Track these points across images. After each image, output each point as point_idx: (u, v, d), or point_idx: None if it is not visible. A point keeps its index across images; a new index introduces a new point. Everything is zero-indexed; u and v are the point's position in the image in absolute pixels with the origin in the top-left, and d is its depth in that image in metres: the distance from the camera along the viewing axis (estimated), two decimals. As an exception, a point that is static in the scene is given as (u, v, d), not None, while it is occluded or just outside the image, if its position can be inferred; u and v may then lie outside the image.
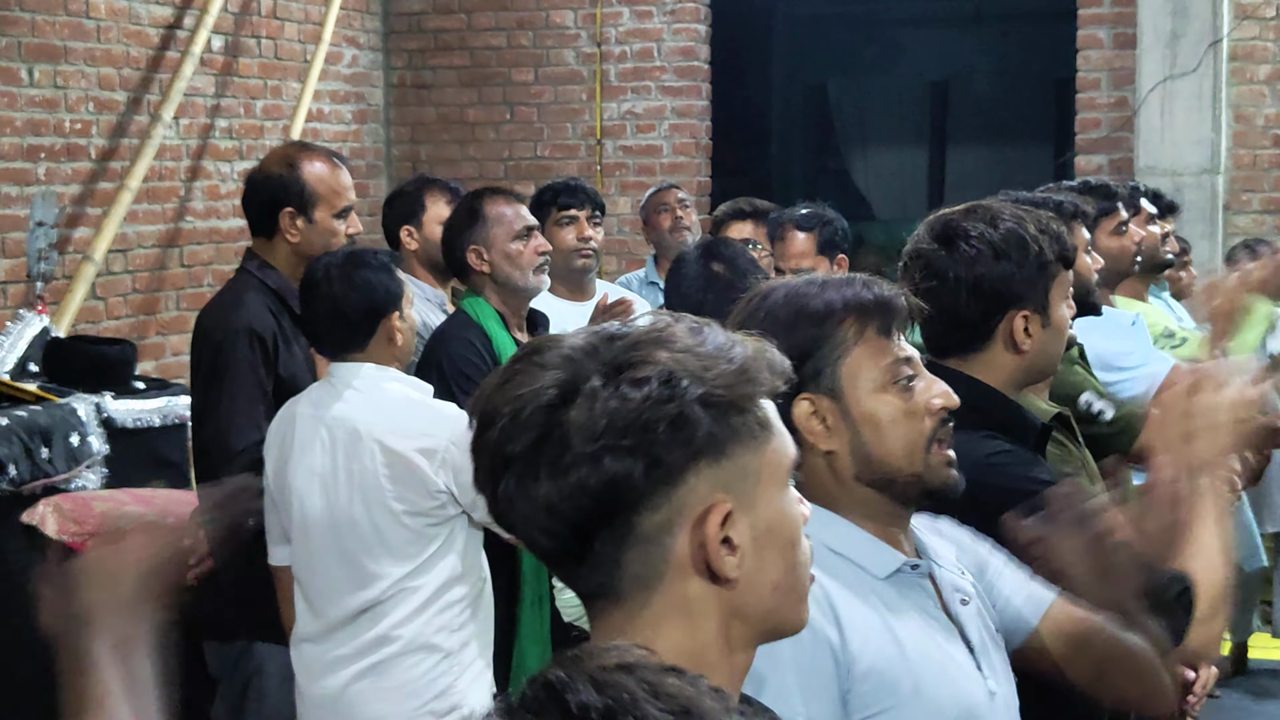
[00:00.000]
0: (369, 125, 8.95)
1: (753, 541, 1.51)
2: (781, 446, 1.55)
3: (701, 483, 1.49)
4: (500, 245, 4.43)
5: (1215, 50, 7.87)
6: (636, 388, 1.46)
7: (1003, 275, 2.70)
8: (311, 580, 3.84)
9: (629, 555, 1.50)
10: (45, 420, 4.81)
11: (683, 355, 1.49)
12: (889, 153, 13.98)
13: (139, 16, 7.05)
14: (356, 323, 3.79)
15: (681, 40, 8.77)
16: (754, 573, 1.52)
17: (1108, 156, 8.24)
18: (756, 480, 1.52)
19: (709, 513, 1.49)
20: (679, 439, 1.47)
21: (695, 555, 1.50)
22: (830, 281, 2.23)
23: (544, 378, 1.49)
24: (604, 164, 8.83)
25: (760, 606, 1.54)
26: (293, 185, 4.18)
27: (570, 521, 1.49)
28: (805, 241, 4.84)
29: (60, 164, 6.58)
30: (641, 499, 1.48)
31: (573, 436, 1.46)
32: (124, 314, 6.98)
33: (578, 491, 1.47)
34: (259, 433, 4.01)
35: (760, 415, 1.53)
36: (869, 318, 2.17)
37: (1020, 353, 2.74)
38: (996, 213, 2.76)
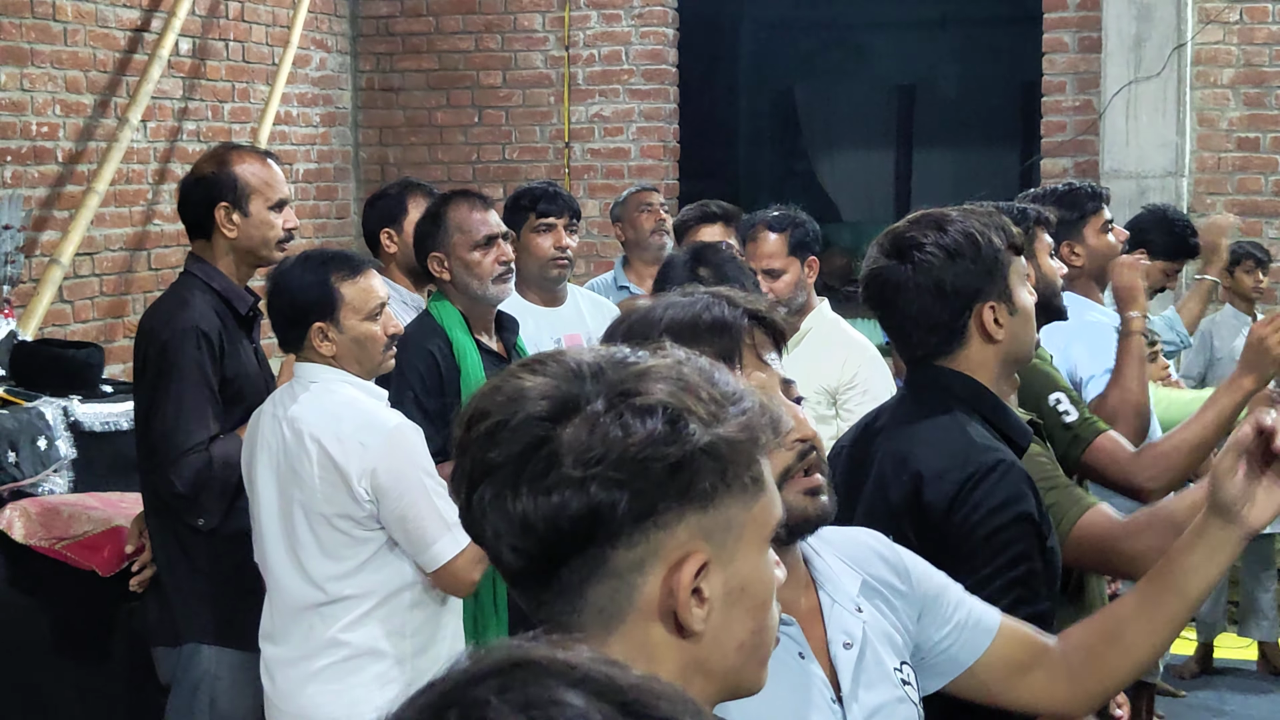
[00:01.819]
0: (337, 128, 8.94)
1: (724, 597, 1.47)
2: (769, 506, 1.50)
3: (684, 529, 1.44)
4: (460, 254, 4.41)
5: (1179, 54, 7.92)
6: (641, 420, 1.41)
7: (961, 273, 2.73)
8: (268, 578, 3.85)
9: (596, 589, 1.45)
10: (12, 424, 4.79)
11: (693, 396, 1.44)
12: (855, 156, 14.03)
13: (106, 19, 7.04)
14: (283, 324, 3.82)
15: (649, 44, 8.79)
16: (720, 629, 1.47)
17: (1073, 159, 8.29)
18: (740, 536, 1.47)
19: (685, 561, 1.44)
20: (674, 483, 1.42)
21: (663, 601, 1.45)
22: (675, 303, 2.06)
23: (542, 387, 1.45)
24: (572, 167, 8.84)
25: (722, 664, 1.49)
26: (225, 181, 4.19)
27: (543, 543, 1.44)
28: (777, 242, 4.86)
29: (27, 167, 6.56)
30: (620, 534, 1.43)
31: (563, 455, 1.41)
32: (91, 317, 6.96)
33: (556, 513, 1.42)
34: (207, 431, 4.02)
35: (755, 471, 1.48)
36: (706, 344, 1.97)
37: (995, 342, 2.77)
38: (941, 218, 2.80)
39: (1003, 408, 2.80)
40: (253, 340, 4.27)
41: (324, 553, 3.73)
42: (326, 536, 3.73)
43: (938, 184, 12.58)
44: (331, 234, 8.80)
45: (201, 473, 3.99)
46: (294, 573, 3.78)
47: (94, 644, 4.72)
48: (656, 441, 1.41)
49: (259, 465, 3.84)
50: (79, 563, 4.52)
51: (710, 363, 1.50)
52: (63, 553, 4.55)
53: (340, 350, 3.80)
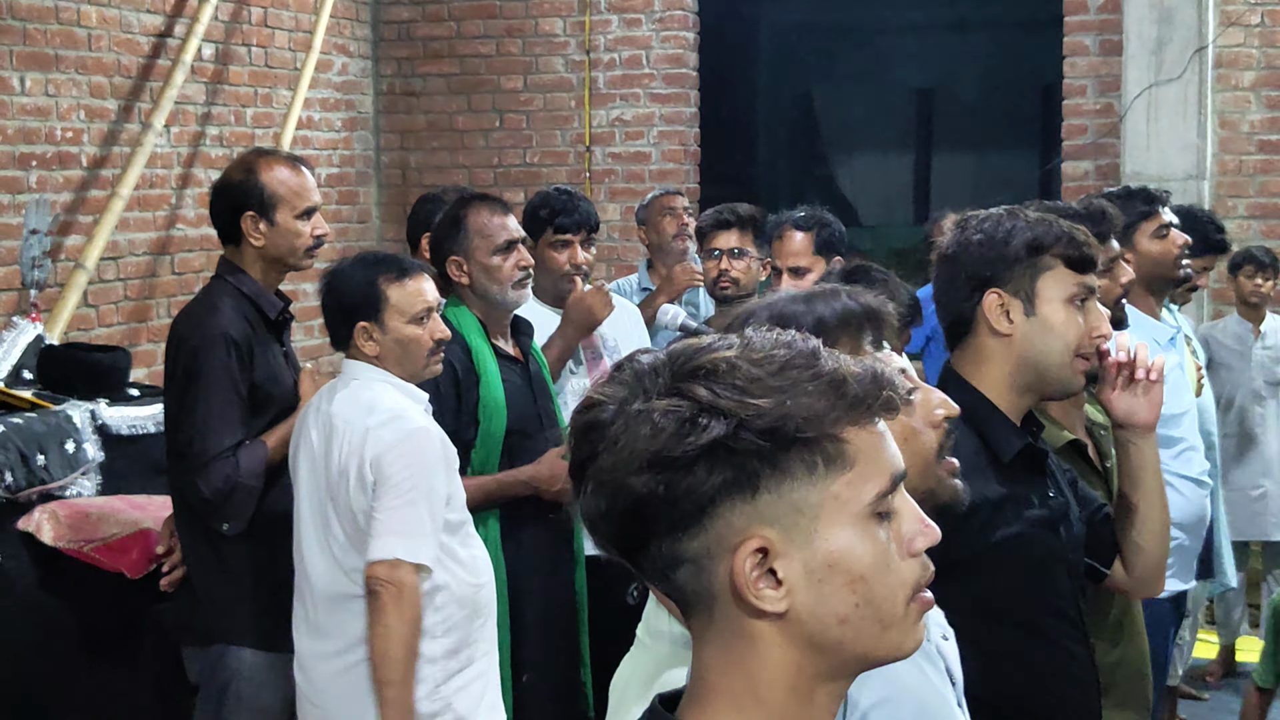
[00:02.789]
0: (359, 133, 8.97)
1: (807, 576, 1.49)
2: (859, 480, 1.50)
3: (737, 516, 1.47)
4: (480, 258, 4.42)
5: (1200, 57, 7.92)
6: (667, 416, 1.46)
7: (977, 252, 2.76)
8: (307, 569, 3.89)
9: (679, 574, 1.51)
10: (40, 427, 4.82)
11: (730, 387, 1.47)
12: (875, 159, 14.01)
13: (130, 25, 7.07)
14: (332, 321, 3.94)
15: (670, 48, 8.81)
16: (813, 606, 1.49)
17: (1094, 163, 8.29)
18: (815, 516, 1.48)
19: (741, 547, 1.48)
20: (700, 474, 1.46)
21: (735, 585, 1.49)
22: (815, 295, 2.16)
23: (611, 391, 1.51)
24: (593, 171, 8.86)
25: (828, 638, 1.51)
26: (252, 190, 4.21)
27: (609, 537, 1.52)
28: (804, 241, 4.87)
29: (52, 172, 6.59)
30: (673, 524, 1.48)
31: (605, 456, 1.48)
32: (115, 321, 6.99)
33: (609, 511, 1.50)
34: (234, 437, 4.05)
35: (830, 448, 1.49)
36: (862, 331, 2.11)
37: (1001, 336, 2.76)
38: (1015, 210, 2.83)
39: (991, 419, 2.75)
40: (283, 345, 4.29)
41: (354, 548, 3.77)
42: (355, 532, 3.76)
43: (957, 188, 12.57)
44: (353, 238, 8.83)
45: (229, 479, 4.01)
46: (329, 566, 3.82)
47: (122, 645, 4.75)
48: (676, 435, 1.45)
49: (299, 459, 3.89)
50: (107, 565, 4.55)
51: (781, 339, 1.52)
52: (91, 555, 4.57)
53: (384, 351, 3.86)
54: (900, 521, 1.54)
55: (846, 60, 13.33)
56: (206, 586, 4.19)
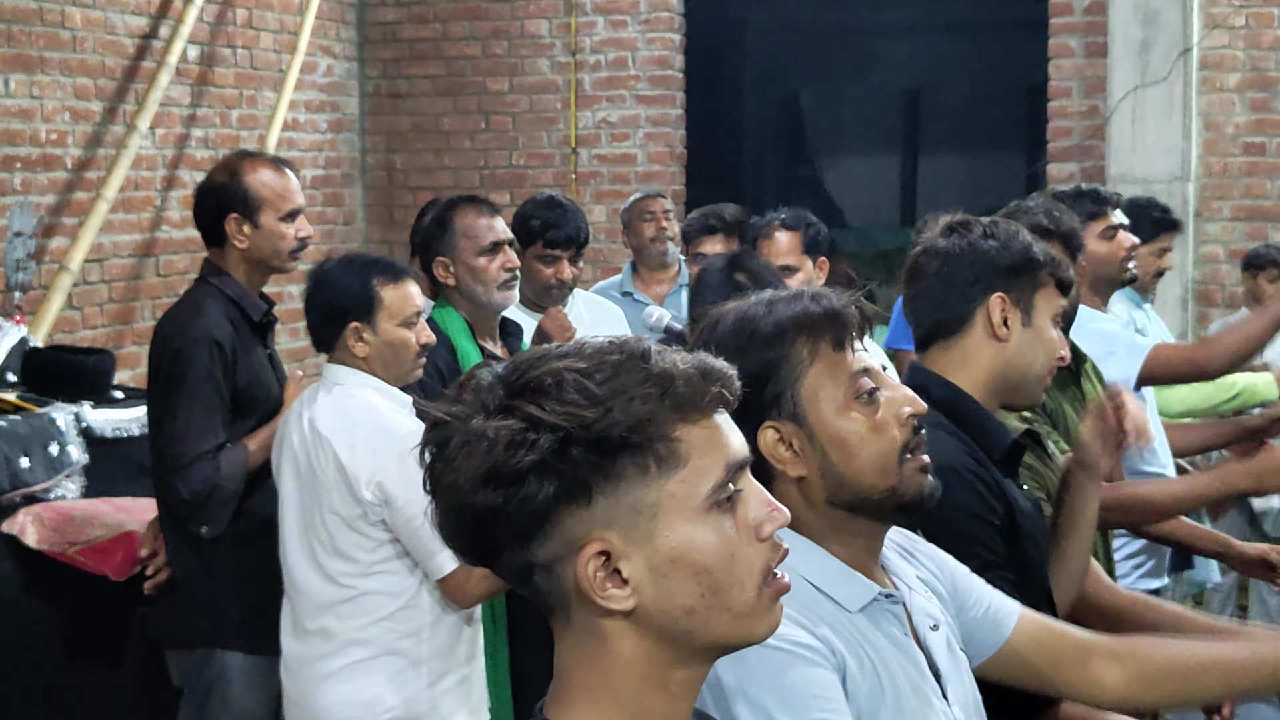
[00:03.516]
0: (344, 134, 8.96)
1: (651, 573, 1.54)
2: (693, 476, 1.55)
3: (577, 523, 1.53)
4: (466, 259, 4.40)
5: (1185, 59, 7.93)
6: (499, 433, 1.52)
7: (989, 251, 2.77)
8: (288, 576, 3.88)
9: (535, 579, 1.57)
10: (25, 430, 4.81)
11: (558, 400, 1.52)
12: (861, 161, 14.03)
13: (115, 27, 7.06)
14: (318, 324, 3.87)
15: (656, 49, 8.81)
16: (659, 601, 1.55)
17: (1079, 164, 8.30)
18: (653, 515, 1.54)
19: (583, 550, 1.54)
20: (533, 487, 1.51)
21: (580, 589, 1.55)
22: (778, 299, 2.18)
23: (455, 410, 1.56)
24: (579, 172, 8.86)
25: (677, 629, 1.56)
26: (236, 191, 4.20)
27: (463, 550, 1.60)
28: (790, 241, 4.88)
29: (36, 174, 6.58)
30: (517, 536, 1.54)
31: (447, 474, 1.55)
32: (100, 323, 6.98)
33: (458, 526, 1.57)
34: (215, 440, 4.05)
35: (661, 449, 1.54)
36: (820, 333, 2.13)
37: (998, 340, 2.77)
38: (1018, 212, 2.94)
39: (978, 417, 2.77)
40: (267, 347, 4.29)
41: (338, 552, 3.77)
42: (342, 536, 3.76)
43: (944, 189, 12.58)
44: (339, 240, 8.83)
45: (208, 481, 4.01)
46: (313, 570, 3.81)
47: (107, 648, 4.74)
48: (507, 449, 1.52)
49: (283, 463, 3.88)
50: (91, 567, 4.54)
51: (612, 345, 1.57)
52: (75, 557, 4.57)
53: (373, 353, 3.84)
54: (746, 508, 1.58)
55: (833, 61, 13.34)
56: (190, 589, 4.18)
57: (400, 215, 8.93)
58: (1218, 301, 7.41)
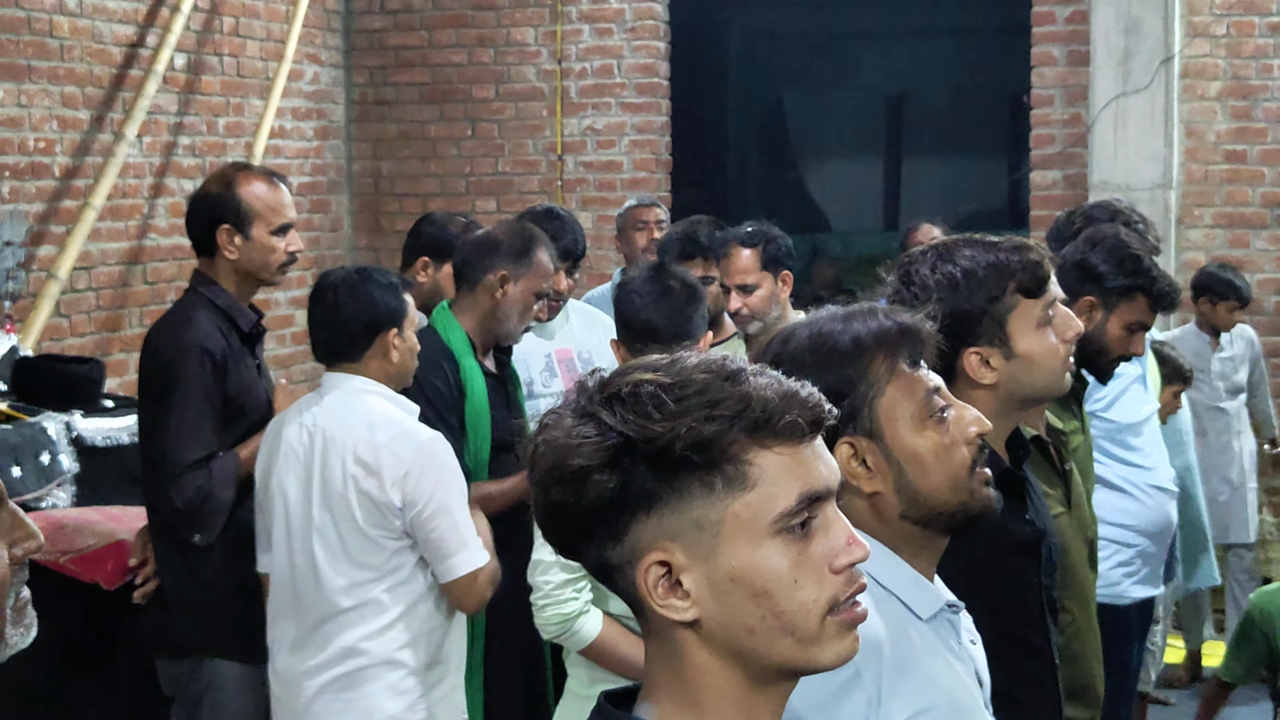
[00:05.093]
0: (331, 142, 8.98)
1: (710, 589, 1.57)
2: (760, 500, 1.57)
3: (644, 530, 1.57)
4: (525, 292, 4.45)
5: (1167, 67, 7.99)
6: (572, 435, 1.57)
7: (945, 314, 2.63)
8: (288, 585, 3.89)
9: (616, 580, 1.62)
10: (15, 439, 4.83)
11: (634, 411, 1.56)
12: (845, 165, 14.05)
13: (102, 35, 7.08)
14: (354, 333, 3.89)
15: (641, 57, 8.84)
16: (722, 617, 1.58)
17: (1062, 172, 8.35)
18: (715, 533, 1.56)
19: (645, 558, 1.58)
20: (592, 488, 1.56)
21: (642, 595, 1.59)
22: (852, 315, 2.21)
23: (556, 411, 1.63)
24: (565, 179, 8.89)
25: (741, 646, 1.59)
26: (229, 203, 4.23)
27: (552, 543, 1.65)
28: (750, 258, 4.88)
29: (24, 182, 6.59)
30: (589, 534, 1.59)
31: (533, 465, 1.61)
32: (88, 331, 6.99)
33: (542, 519, 1.62)
34: (207, 449, 4.07)
35: (729, 470, 1.56)
36: (898, 350, 2.17)
37: (983, 387, 2.73)
38: (946, 250, 2.77)
39: None
40: (256, 357, 4.31)
41: (350, 560, 3.79)
42: (355, 544, 3.78)
43: (927, 194, 12.63)
44: (325, 247, 8.85)
45: (200, 490, 4.04)
46: (317, 581, 3.83)
47: (97, 656, 4.76)
48: (575, 454, 1.57)
49: (282, 473, 3.89)
50: (83, 576, 4.56)
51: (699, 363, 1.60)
52: (67, 566, 4.58)
53: (404, 360, 3.91)
54: (822, 538, 1.60)
55: (816, 67, 13.36)
56: (180, 598, 4.21)
57: (386, 222, 8.95)
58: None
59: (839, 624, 1.59)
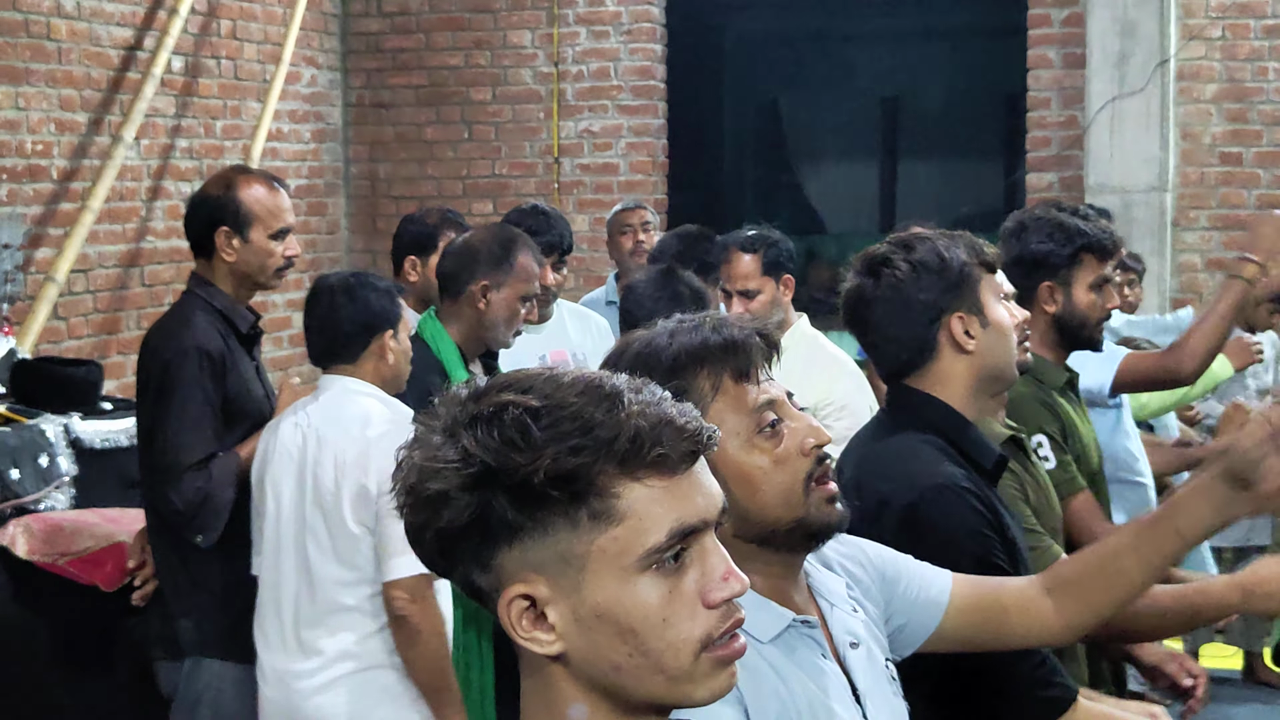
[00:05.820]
0: (328, 144, 8.99)
1: (576, 624, 1.50)
2: (627, 535, 1.48)
3: (508, 560, 1.50)
4: (510, 299, 4.39)
5: (1163, 70, 8.01)
6: (434, 457, 1.50)
7: (927, 286, 2.78)
8: (278, 587, 3.90)
9: (485, 604, 1.55)
10: (14, 441, 4.84)
11: (496, 437, 1.48)
12: (841, 167, 14.08)
13: (100, 38, 7.09)
14: (350, 334, 3.91)
15: (638, 60, 8.85)
16: (586, 652, 1.51)
17: (1058, 174, 8.37)
18: (581, 567, 1.48)
19: (506, 590, 1.51)
20: (447, 515, 1.49)
21: (504, 626, 1.52)
22: (680, 329, 2.12)
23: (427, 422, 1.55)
24: (561, 182, 8.90)
25: (608, 682, 1.52)
26: (228, 205, 4.23)
27: (421, 556, 1.57)
28: (751, 263, 4.85)
29: (22, 185, 6.60)
30: (455, 559, 1.53)
31: (396, 479, 1.54)
32: (86, 334, 7.00)
33: (408, 534, 1.55)
34: (206, 449, 4.07)
35: (595, 504, 1.48)
36: (722, 365, 2.08)
37: (967, 353, 2.81)
38: (910, 238, 2.87)
39: (967, 429, 2.80)
40: (254, 358, 4.32)
41: (340, 561, 3.79)
42: (344, 544, 3.79)
43: (923, 196, 12.65)
44: (322, 250, 8.86)
45: (200, 490, 4.04)
46: (309, 582, 3.83)
47: (96, 658, 4.77)
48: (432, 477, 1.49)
49: (277, 475, 3.90)
50: (81, 578, 4.57)
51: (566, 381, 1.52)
52: (65, 568, 4.59)
53: (399, 362, 3.95)
54: (696, 572, 1.52)
55: (812, 69, 13.39)
56: (179, 599, 4.21)
57: (383, 225, 8.96)
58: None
59: (713, 660, 1.52)
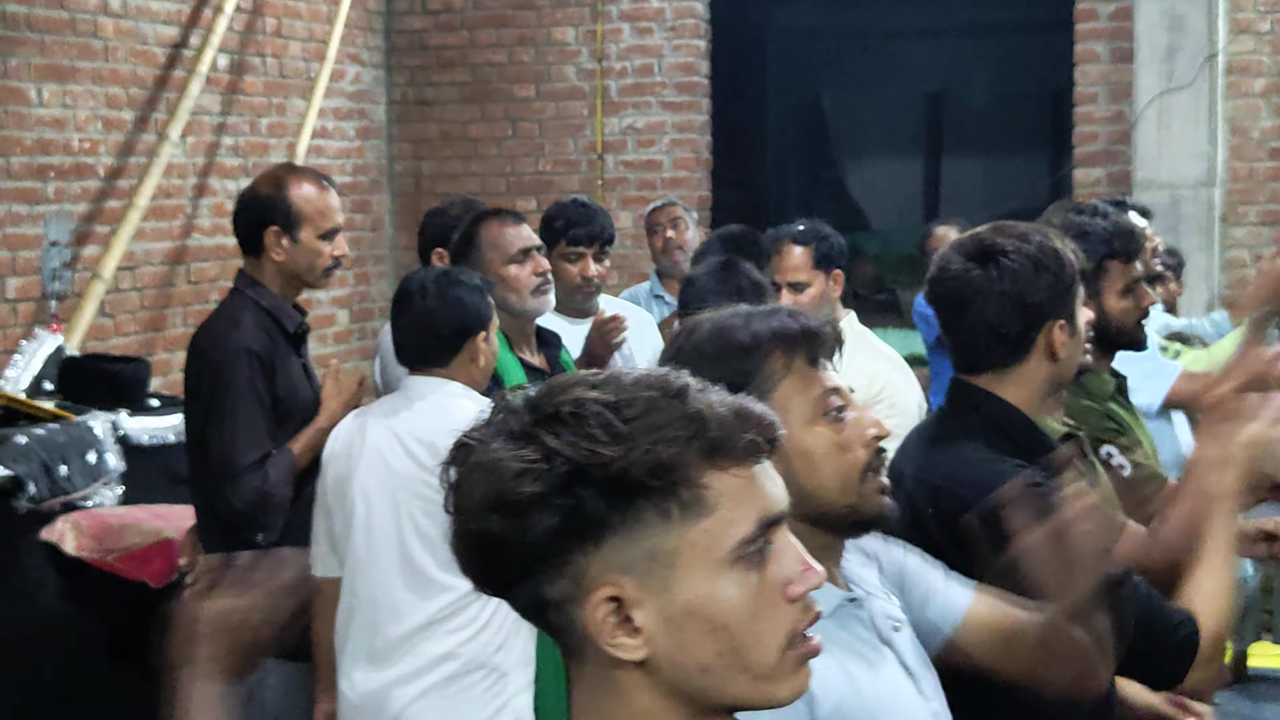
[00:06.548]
0: (372, 142, 9.01)
1: (665, 624, 1.46)
2: (719, 526, 1.46)
3: (590, 563, 1.45)
4: (496, 270, 4.40)
5: (1211, 64, 7.94)
6: (511, 461, 1.45)
7: (1044, 288, 2.75)
8: (373, 593, 3.85)
9: (550, 618, 1.49)
10: (63, 438, 4.86)
11: (579, 434, 1.44)
12: (884, 164, 14.02)
13: (146, 36, 7.12)
14: (445, 338, 3.88)
15: (681, 56, 8.84)
16: (673, 654, 1.46)
17: (1105, 170, 8.31)
18: (671, 563, 1.45)
19: (594, 593, 1.46)
20: (537, 518, 1.44)
21: (589, 635, 1.47)
22: (755, 313, 2.20)
23: (480, 433, 1.51)
24: (605, 179, 8.90)
25: (691, 685, 1.48)
26: (279, 205, 4.23)
27: (474, 578, 1.53)
28: (802, 256, 4.85)
29: (69, 183, 6.64)
30: (526, 568, 1.47)
31: (459, 491, 1.50)
32: (132, 331, 7.03)
33: (466, 552, 1.51)
34: (261, 450, 4.08)
35: (685, 495, 1.45)
36: (795, 348, 2.15)
37: (1056, 360, 2.79)
38: (1023, 230, 2.82)
39: (1031, 430, 2.79)
40: (301, 356, 4.32)
41: (446, 567, 3.76)
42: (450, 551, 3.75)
43: (967, 193, 12.59)
44: (366, 247, 8.87)
45: (259, 491, 4.04)
46: (407, 589, 3.80)
47: (145, 655, 4.78)
48: (517, 479, 1.44)
49: (367, 480, 3.85)
50: (130, 574, 4.59)
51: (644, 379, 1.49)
52: (114, 564, 4.62)
53: (487, 363, 3.92)
54: (777, 565, 1.49)
55: (856, 65, 13.34)
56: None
57: (428, 222, 8.96)
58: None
59: (796, 657, 1.50)
